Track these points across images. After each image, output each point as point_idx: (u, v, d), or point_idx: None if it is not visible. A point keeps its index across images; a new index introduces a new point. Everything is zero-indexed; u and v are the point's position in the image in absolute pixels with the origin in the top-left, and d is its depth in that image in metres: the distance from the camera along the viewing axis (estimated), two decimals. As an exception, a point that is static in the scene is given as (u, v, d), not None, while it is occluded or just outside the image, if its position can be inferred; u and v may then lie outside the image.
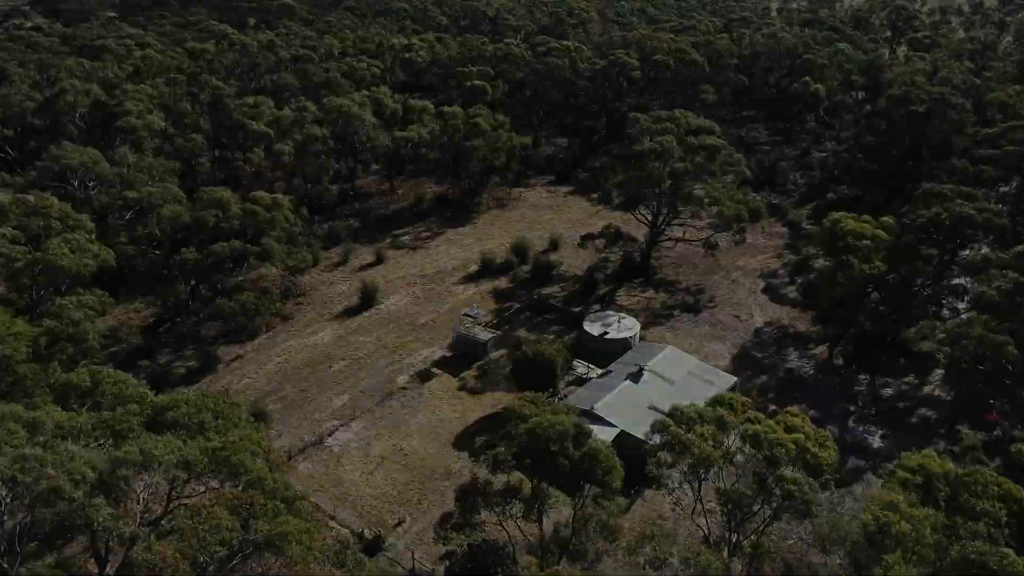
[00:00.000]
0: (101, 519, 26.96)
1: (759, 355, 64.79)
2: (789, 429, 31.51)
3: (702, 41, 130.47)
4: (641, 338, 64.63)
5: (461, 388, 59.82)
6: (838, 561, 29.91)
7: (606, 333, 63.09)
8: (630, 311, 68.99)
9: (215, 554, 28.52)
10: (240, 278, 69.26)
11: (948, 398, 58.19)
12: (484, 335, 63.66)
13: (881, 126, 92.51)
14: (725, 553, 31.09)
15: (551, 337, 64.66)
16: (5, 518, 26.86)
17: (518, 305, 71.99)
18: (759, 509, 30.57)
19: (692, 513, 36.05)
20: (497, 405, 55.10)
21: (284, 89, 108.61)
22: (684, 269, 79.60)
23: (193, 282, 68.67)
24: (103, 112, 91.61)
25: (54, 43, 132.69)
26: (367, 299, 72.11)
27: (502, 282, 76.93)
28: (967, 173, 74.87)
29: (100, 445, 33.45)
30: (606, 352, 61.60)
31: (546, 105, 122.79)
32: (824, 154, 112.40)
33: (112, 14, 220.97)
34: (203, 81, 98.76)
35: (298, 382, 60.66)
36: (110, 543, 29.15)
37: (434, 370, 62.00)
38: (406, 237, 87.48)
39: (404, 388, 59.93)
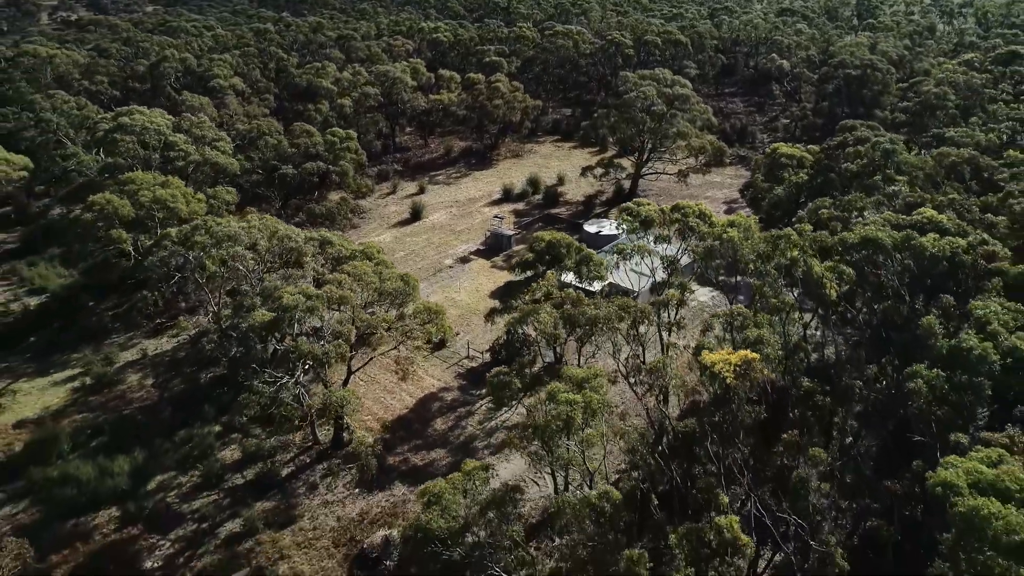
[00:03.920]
0: (309, 257, 47.84)
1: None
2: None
3: (688, 26, 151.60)
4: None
5: (492, 267, 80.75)
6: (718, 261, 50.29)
7: (600, 231, 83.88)
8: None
9: (368, 286, 49.36)
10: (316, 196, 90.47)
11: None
12: (509, 231, 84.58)
13: (828, 90, 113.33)
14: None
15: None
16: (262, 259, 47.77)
17: (532, 218, 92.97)
18: (680, 258, 51.49)
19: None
20: (519, 277, 75.78)
21: (333, 62, 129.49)
22: (663, 198, 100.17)
23: (283, 198, 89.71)
24: (192, 77, 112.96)
25: (128, 26, 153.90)
26: (415, 214, 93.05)
27: (520, 205, 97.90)
28: (886, 121, 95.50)
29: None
30: (600, 244, 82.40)
31: (553, 79, 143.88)
32: (788, 121, 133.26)
33: (153, 6, 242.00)
34: (271, 53, 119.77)
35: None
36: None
37: (471, 256, 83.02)
38: (440, 176, 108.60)
39: (450, 267, 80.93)
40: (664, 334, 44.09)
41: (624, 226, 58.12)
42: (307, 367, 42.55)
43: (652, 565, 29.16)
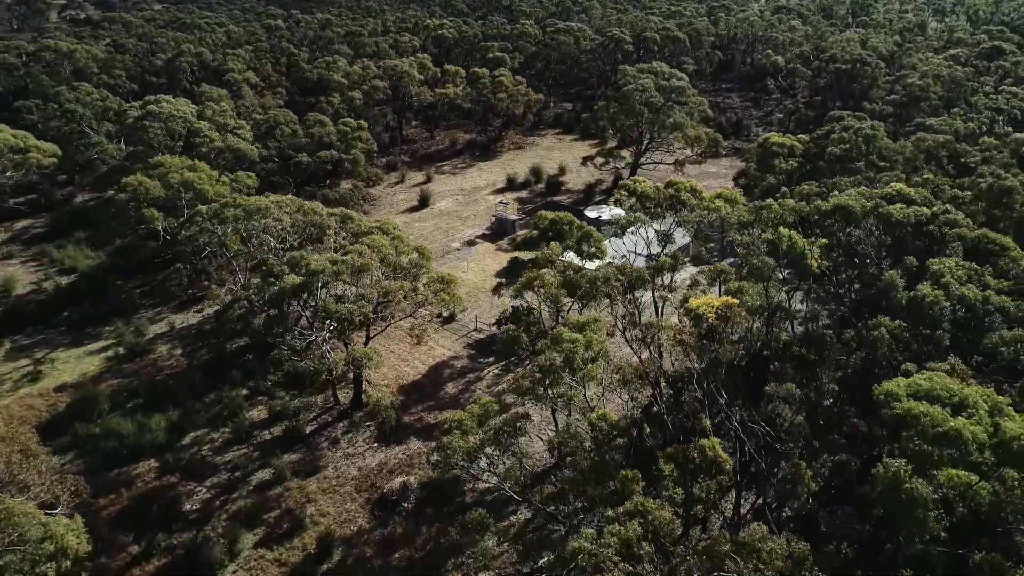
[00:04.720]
0: (332, 230, 52.03)
1: (711, 232, 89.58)
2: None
3: (686, 23, 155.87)
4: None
5: (497, 250, 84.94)
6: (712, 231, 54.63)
7: (600, 216, 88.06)
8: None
9: (385, 257, 53.52)
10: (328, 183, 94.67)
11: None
12: (513, 216, 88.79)
13: (820, 84, 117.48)
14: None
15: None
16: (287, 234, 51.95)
17: (535, 205, 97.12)
18: (672, 230, 55.77)
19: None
20: (526, 257, 79.95)
21: (342, 57, 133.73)
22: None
23: (297, 185, 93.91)
24: (208, 71, 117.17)
25: (142, 23, 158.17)
26: (423, 201, 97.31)
27: (523, 193, 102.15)
28: (874, 112, 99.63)
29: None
30: (600, 228, 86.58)
31: (554, 74, 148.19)
32: (782, 115, 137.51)
33: (162, 4, 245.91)
34: (283, 49, 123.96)
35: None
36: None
37: (477, 240, 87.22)
38: (446, 167, 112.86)
39: (458, 250, 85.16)
40: (657, 293, 48.31)
41: (623, 212, 62.31)
42: (331, 329, 46.69)
43: (645, 484, 33.41)
